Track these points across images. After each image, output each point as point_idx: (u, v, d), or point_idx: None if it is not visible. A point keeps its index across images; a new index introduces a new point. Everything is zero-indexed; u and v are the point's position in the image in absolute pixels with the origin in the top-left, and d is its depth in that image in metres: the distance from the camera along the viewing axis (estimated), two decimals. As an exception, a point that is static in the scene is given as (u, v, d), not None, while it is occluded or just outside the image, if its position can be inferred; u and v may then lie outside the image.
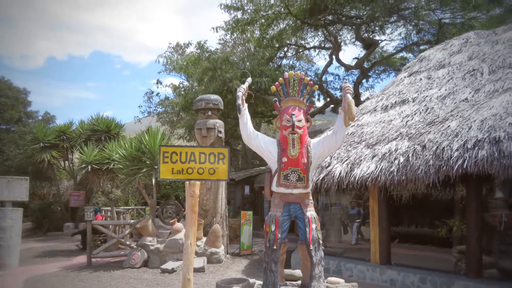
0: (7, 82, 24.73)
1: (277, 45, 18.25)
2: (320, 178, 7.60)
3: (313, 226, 4.34)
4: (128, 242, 10.42)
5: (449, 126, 6.50)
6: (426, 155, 6.17)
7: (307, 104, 4.60)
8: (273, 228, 4.32)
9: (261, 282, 4.75)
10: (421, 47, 16.88)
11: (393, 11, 15.53)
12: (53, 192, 20.04)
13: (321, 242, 4.40)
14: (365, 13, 16.45)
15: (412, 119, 7.81)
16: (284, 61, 20.34)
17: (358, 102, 14.81)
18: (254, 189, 17.86)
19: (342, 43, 19.09)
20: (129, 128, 17.56)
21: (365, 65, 18.66)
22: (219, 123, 10.60)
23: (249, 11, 16.53)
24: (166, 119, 23.50)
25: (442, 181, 6.08)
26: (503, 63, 7.79)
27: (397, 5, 15.14)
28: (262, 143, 4.53)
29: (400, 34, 18.59)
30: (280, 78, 4.60)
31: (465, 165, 5.59)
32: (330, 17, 17.24)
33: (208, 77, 15.78)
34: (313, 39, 19.73)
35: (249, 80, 4.86)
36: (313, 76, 19.97)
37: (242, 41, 19.07)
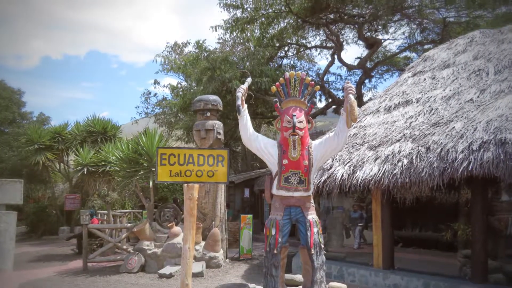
0: (1, 83, 24.62)
1: (277, 45, 18.19)
2: (322, 180, 7.53)
3: (315, 230, 4.37)
4: (125, 246, 10.35)
5: (453, 127, 6.44)
6: (430, 157, 6.11)
7: (308, 105, 4.62)
8: (273, 232, 4.36)
9: (261, 287, 4.72)
10: (425, 47, 16.79)
11: (396, 10, 15.44)
12: (48, 195, 19.89)
13: (322, 246, 4.43)
14: (367, 11, 16.40)
15: (416, 120, 7.74)
16: (285, 61, 20.29)
17: (360, 103, 14.64)
18: (254, 192, 17.77)
19: (344, 43, 19.00)
20: (126, 129, 17.44)
21: (368, 65, 18.55)
22: (218, 124, 10.49)
23: (249, 9, 16.46)
24: (164, 120, 23.35)
25: (447, 184, 6.02)
26: (509, 63, 7.72)
27: (400, 3, 15.05)
28: (262, 145, 4.55)
29: (403, 33, 18.43)
30: (281, 78, 4.62)
31: (470, 167, 5.53)
32: (331, 16, 17.19)
33: (207, 77, 15.65)
34: (314, 38, 19.71)
35: (249, 80, 4.91)
36: (315, 76, 19.83)
37: (241, 40, 18.96)
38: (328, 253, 6.66)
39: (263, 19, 16.88)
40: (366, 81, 19.46)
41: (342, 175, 7.18)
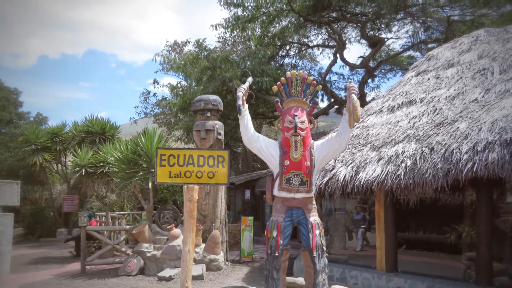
0: (-3, 82, 24.61)
1: (279, 43, 18.13)
2: (324, 182, 7.44)
3: (317, 232, 4.34)
4: (123, 249, 10.28)
5: (458, 127, 6.35)
6: (434, 158, 6.03)
7: (310, 104, 4.58)
8: (274, 234, 4.32)
9: (262, 290, 4.72)
10: (429, 46, 16.73)
11: (400, 8, 15.38)
12: (45, 196, 19.78)
13: (324, 248, 4.40)
14: (370, 10, 16.36)
15: (419, 121, 7.65)
16: (286, 60, 20.20)
17: (363, 103, 14.59)
18: (255, 193, 17.69)
19: (346, 41, 18.93)
20: (124, 130, 17.38)
21: (371, 64, 18.45)
22: (218, 125, 10.42)
23: (249, 7, 16.43)
24: (164, 121, 23.36)
25: (451, 185, 5.91)
26: (514, 62, 7.65)
27: (404, 1, 15.00)
28: (263, 146, 4.50)
29: (407, 31, 18.33)
30: (282, 78, 4.58)
31: (475, 168, 5.45)
32: (334, 14, 17.13)
33: (207, 77, 15.59)
34: (316, 37, 19.62)
35: (250, 79, 4.86)
36: (317, 76, 19.82)
37: (242, 39, 18.96)
38: (330, 256, 6.58)
39: (264, 18, 16.83)
40: (369, 80, 19.38)
41: (345, 176, 7.09)
